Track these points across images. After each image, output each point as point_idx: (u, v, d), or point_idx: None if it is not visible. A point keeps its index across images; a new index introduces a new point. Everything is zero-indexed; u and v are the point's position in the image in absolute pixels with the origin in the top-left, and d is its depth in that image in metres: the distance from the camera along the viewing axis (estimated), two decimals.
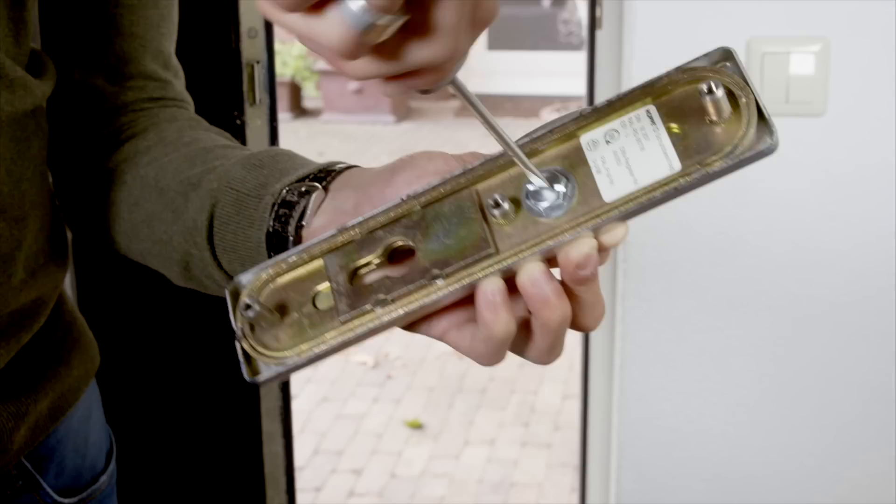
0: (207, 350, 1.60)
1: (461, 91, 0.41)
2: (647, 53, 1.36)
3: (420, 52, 0.36)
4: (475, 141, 6.95)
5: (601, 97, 1.47)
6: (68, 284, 1.55)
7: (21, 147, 0.57)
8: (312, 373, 3.41)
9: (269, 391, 1.65)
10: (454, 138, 7.05)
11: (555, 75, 7.55)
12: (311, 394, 3.26)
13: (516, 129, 0.49)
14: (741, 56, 1.36)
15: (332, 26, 0.34)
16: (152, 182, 0.60)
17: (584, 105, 1.64)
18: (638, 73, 1.37)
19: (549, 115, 6.56)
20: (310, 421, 3.07)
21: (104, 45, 0.65)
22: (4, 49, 0.56)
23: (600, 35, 1.44)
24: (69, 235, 0.68)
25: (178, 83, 0.69)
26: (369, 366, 3.48)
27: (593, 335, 1.57)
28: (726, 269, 1.43)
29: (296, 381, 3.25)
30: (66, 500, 0.66)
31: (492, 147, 0.47)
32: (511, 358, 0.47)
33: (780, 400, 1.47)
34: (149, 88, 0.67)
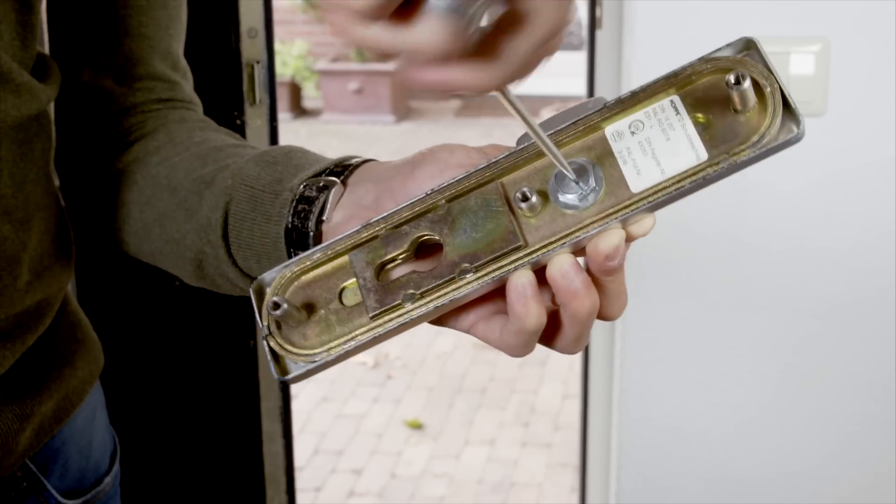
0: (209, 351, 1.60)
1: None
2: (647, 53, 1.37)
3: (523, 41, 0.35)
4: (475, 141, 6.92)
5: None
6: (70, 285, 1.55)
7: (24, 150, 0.57)
8: None
9: (269, 391, 1.65)
10: (454, 138, 7.04)
11: (555, 75, 7.55)
12: (311, 394, 3.26)
13: (517, 129, 0.48)
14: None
15: (426, 27, 0.33)
16: (164, 181, 0.60)
17: None
18: (638, 73, 1.37)
19: (548, 115, 6.56)
20: (310, 421, 3.07)
21: (113, 47, 0.65)
22: (12, 53, 0.56)
23: (600, 35, 1.44)
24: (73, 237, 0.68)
25: (187, 84, 0.69)
26: (369, 366, 3.48)
27: (593, 335, 1.57)
28: (726, 269, 1.43)
29: None
30: (71, 502, 0.66)
31: (498, 142, 0.47)
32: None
33: (780, 400, 1.47)
34: (157, 90, 0.66)
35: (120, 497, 0.74)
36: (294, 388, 3.18)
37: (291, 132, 6.89)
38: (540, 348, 0.47)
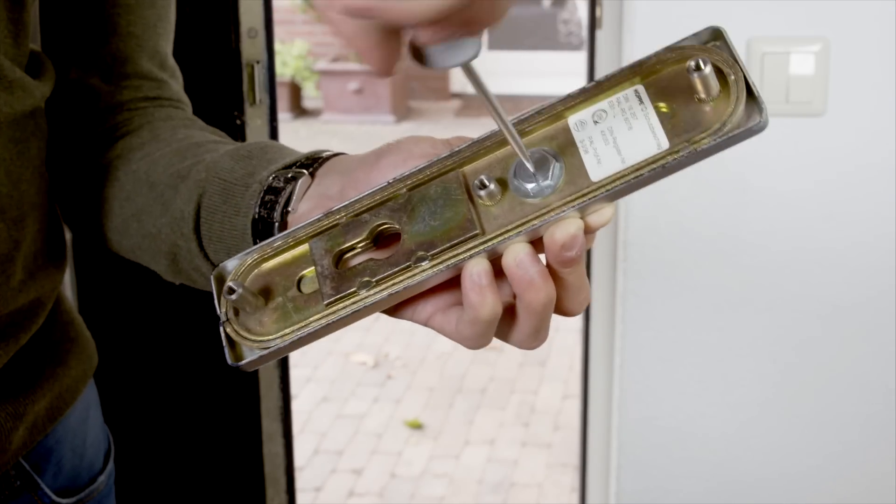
0: (207, 350, 1.60)
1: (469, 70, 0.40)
2: (647, 53, 1.36)
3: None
4: None
5: None
6: (68, 285, 1.55)
7: (20, 148, 0.57)
8: (312, 373, 3.41)
9: (269, 391, 1.65)
10: None
11: (555, 75, 7.55)
12: (311, 394, 3.26)
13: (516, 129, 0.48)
14: (741, 57, 1.36)
15: None
16: (143, 177, 0.60)
17: None
18: None
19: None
20: (310, 421, 3.07)
21: (100, 45, 0.65)
22: (3, 50, 0.56)
23: (600, 35, 1.44)
24: (68, 236, 0.68)
25: (175, 83, 0.69)
26: (369, 366, 3.48)
27: (593, 335, 1.57)
28: (726, 269, 1.43)
29: (296, 381, 3.26)
30: (65, 501, 0.66)
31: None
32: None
33: (780, 400, 1.47)
34: (144, 88, 0.67)
35: (115, 496, 0.74)
36: (294, 388, 3.18)
37: (291, 132, 6.89)
38: (540, 349, 0.46)
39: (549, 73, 7.68)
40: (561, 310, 0.45)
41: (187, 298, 1.55)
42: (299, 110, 7.68)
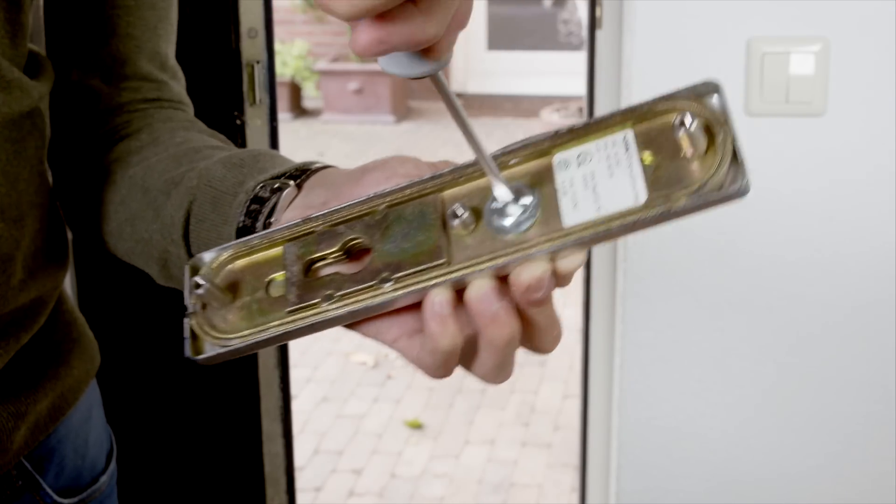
0: None
1: (441, 88, 0.40)
2: (647, 53, 1.36)
3: (416, 23, 0.36)
4: None
5: (601, 97, 1.47)
6: (69, 284, 1.55)
7: (17, 148, 0.57)
8: (312, 373, 3.41)
9: (269, 391, 1.65)
10: (454, 138, 7.04)
11: (555, 75, 7.55)
12: (311, 394, 3.26)
13: (516, 129, 0.47)
14: (741, 57, 1.36)
15: None
16: (139, 182, 0.60)
17: (583, 105, 1.64)
18: (638, 73, 1.37)
19: (549, 115, 6.57)
20: (310, 421, 3.07)
21: (100, 46, 0.65)
22: (1, 51, 0.56)
23: (600, 35, 1.44)
24: (69, 235, 0.68)
25: (176, 85, 0.69)
26: (369, 366, 3.48)
27: (593, 335, 1.57)
28: (726, 270, 1.43)
29: (296, 381, 3.25)
30: (66, 501, 0.66)
31: (491, 148, 0.47)
32: None
33: (780, 400, 1.47)
34: (144, 89, 0.67)
35: (118, 496, 0.74)
36: (294, 388, 3.18)
37: (291, 132, 6.89)
38: None
39: (549, 73, 7.68)
40: (532, 347, 0.44)
41: None
42: (299, 110, 7.68)
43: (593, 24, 1.46)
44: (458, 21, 0.38)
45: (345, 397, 3.25)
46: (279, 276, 0.47)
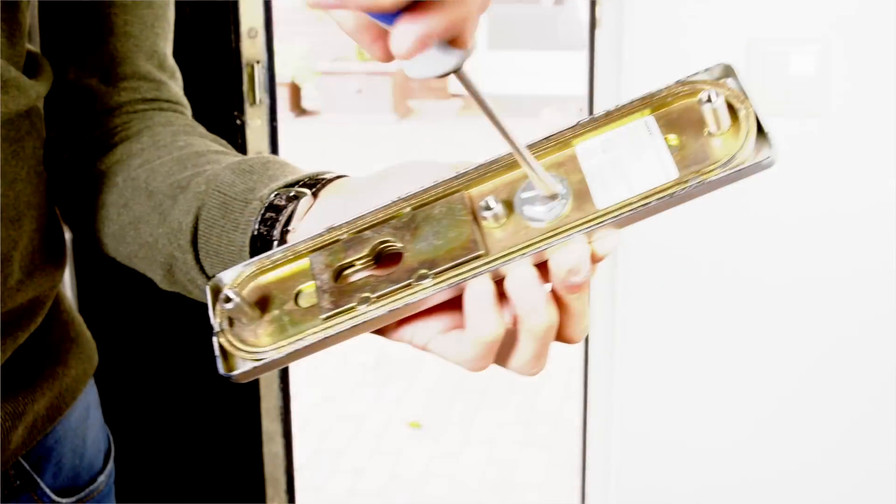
0: (207, 350, 1.60)
1: (468, 86, 0.40)
2: (647, 53, 1.36)
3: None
4: (476, 141, 6.95)
5: (601, 97, 1.47)
6: (68, 285, 1.55)
7: (15, 148, 0.57)
8: (312, 373, 3.41)
9: (269, 391, 1.65)
10: (454, 138, 7.05)
11: (555, 75, 7.55)
12: (311, 394, 3.26)
13: (516, 129, 0.47)
14: (741, 57, 1.36)
15: None
16: (143, 185, 0.60)
17: (583, 105, 1.64)
18: (638, 72, 1.37)
19: (549, 115, 6.57)
20: (310, 421, 3.07)
21: (98, 45, 0.65)
22: None
23: (600, 35, 1.44)
24: (68, 235, 0.68)
25: (174, 84, 0.69)
26: (369, 366, 3.48)
27: (593, 335, 1.57)
28: (726, 270, 1.43)
29: (296, 381, 3.25)
30: (64, 500, 0.66)
31: (492, 149, 0.47)
32: None
33: (779, 400, 1.47)
34: (142, 89, 0.66)
35: (116, 496, 0.74)
36: (294, 388, 3.18)
37: (291, 132, 6.89)
38: None
39: (550, 73, 7.68)
40: (562, 337, 0.45)
41: (187, 299, 1.55)
42: (299, 110, 7.69)
43: (593, 23, 1.46)
44: (481, 2, 0.37)
45: (345, 397, 3.25)
46: (307, 286, 0.47)
